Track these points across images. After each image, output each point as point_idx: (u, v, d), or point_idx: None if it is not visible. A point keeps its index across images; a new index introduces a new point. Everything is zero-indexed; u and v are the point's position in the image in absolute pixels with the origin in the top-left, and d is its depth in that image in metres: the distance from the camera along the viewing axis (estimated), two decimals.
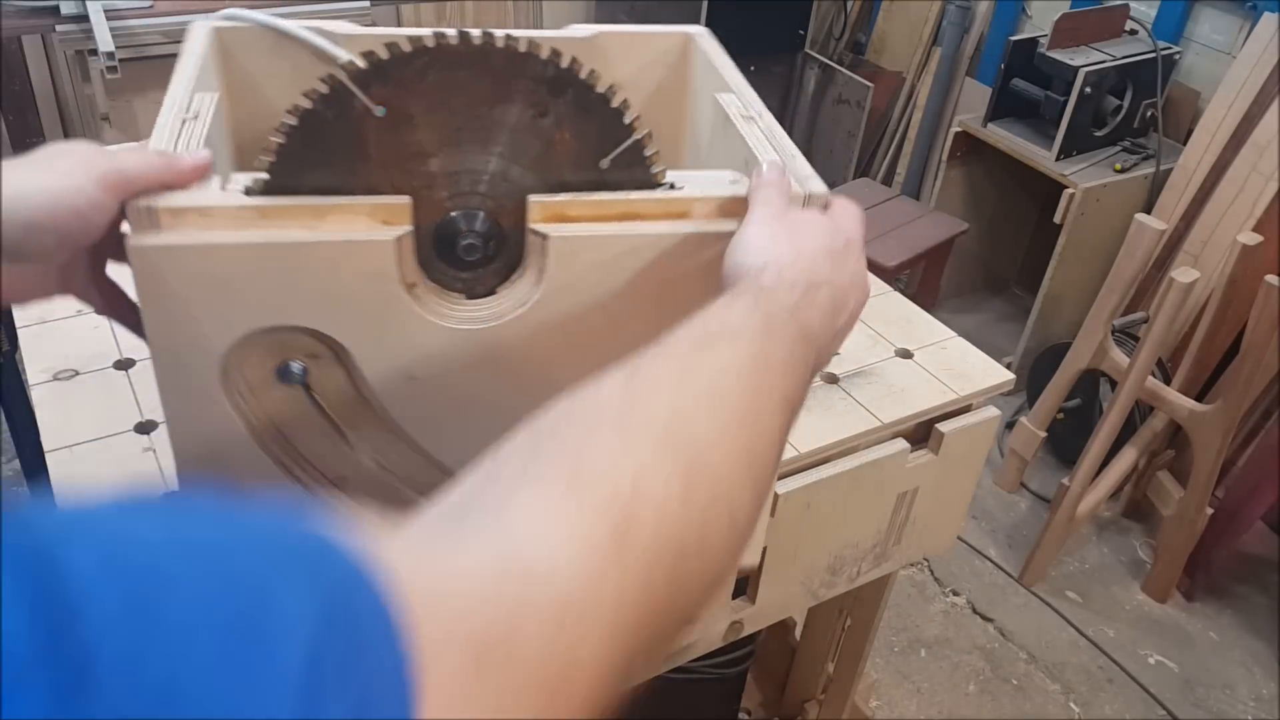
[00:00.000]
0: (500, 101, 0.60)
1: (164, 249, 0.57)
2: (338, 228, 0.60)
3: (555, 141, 0.62)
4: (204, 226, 0.58)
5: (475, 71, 0.59)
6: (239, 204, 0.58)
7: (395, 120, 0.59)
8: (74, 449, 0.87)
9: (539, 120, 0.61)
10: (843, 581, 1.09)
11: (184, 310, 0.60)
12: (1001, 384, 1.07)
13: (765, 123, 0.74)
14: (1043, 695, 1.89)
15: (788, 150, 0.70)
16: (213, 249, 0.58)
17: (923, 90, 2.97)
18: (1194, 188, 2.22)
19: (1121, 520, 2.28)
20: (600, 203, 0.62)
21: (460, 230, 0.63)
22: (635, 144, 0.62)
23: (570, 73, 0.60)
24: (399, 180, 0.61)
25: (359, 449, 0.71)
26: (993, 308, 2.89)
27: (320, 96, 0.58)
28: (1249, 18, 2.26)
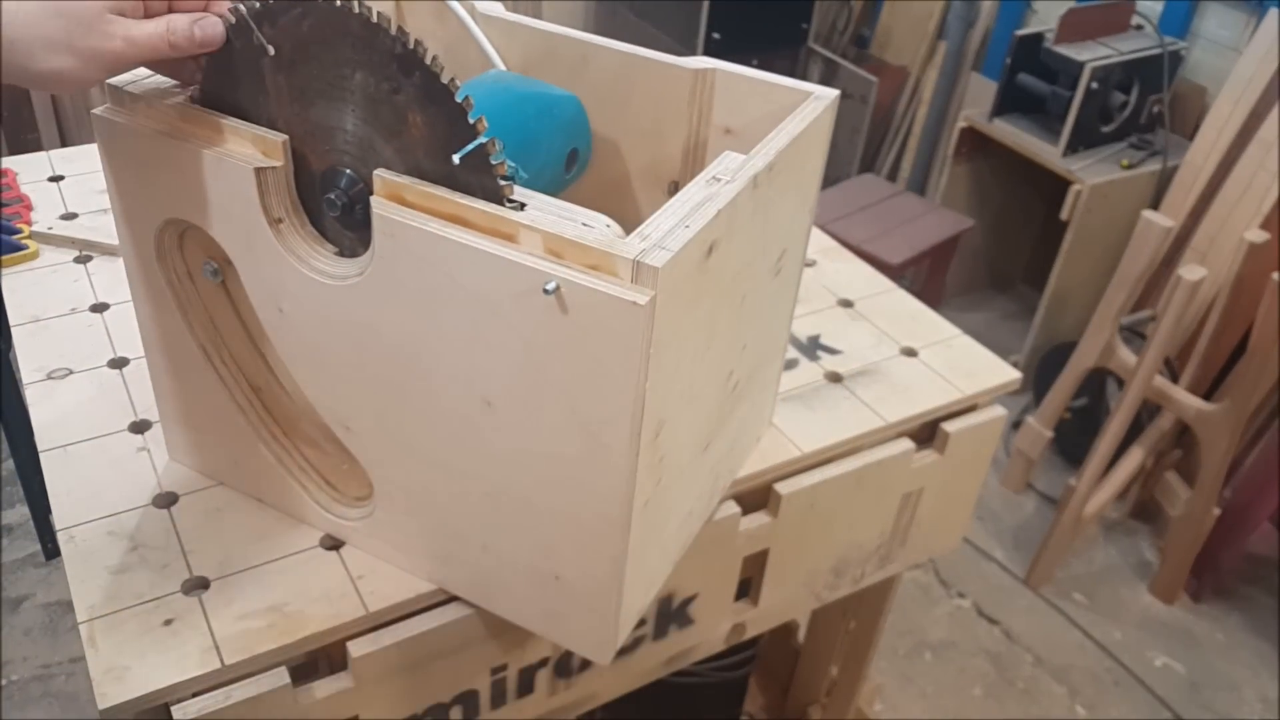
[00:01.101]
0: (360, 67, 0.62)
1: (116, 123, 0.69)
2: (229, 147, 0.66)
3: (409, 122, 0.62)
4: (146, 116, 0.68)
5: (339, 31, 0.61)
6: (172, 104, 0.68)
7: (283, 63, 0.64)
8: (68, 448, 0.86)
9: (394, 96, 0.62)
10: (847, 583, 1.07)
11: (127, 178, 0.72)
12: (1007, 383, 1.05)
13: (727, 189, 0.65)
14: (1049, 698, 1.88)
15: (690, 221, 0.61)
16: (142, 134, 0.68)
17: (927, 85, 2.96)
18: (1201, 184, 2.20)
19: (1128, 521, 2.27)
20: (433, 196, 0.62)
21: (327, 185, 0.67)
22: (480, 148, 0.60)
23: (415, 55, 0.59)
24: (293, 120, 0.66)
25: (266, 362, 0.79)
26: (998, 305, 2.88)
27: (229, 25, 0.64)
28: (1255, 13, 2.24)
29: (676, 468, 0.72)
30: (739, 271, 0.71)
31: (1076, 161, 2.30)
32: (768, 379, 0.90)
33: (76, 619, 0.73)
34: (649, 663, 0.95)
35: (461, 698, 0.83)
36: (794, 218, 0.80)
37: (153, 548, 0.79)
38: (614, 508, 0.65)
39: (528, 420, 0.65)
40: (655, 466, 0.67)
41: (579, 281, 0.58)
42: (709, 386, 0.73)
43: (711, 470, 0.82)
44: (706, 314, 0.67)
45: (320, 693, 0.74)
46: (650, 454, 0.65)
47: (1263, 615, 2.08)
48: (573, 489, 0.66)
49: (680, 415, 0.69)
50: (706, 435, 0.77)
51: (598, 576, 0.69)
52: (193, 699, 0.70)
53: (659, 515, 0.72)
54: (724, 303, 0.70)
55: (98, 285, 1.05)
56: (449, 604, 0.78)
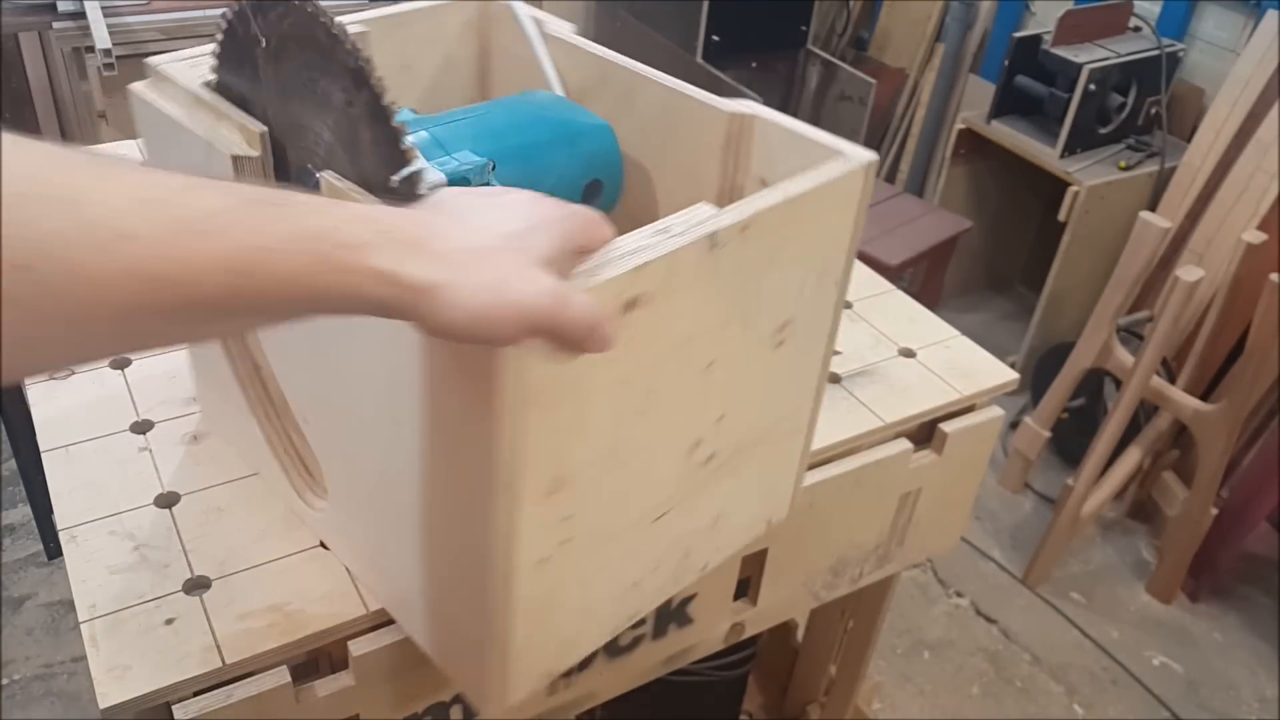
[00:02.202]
0: (326, 76, 0.62)
1: (143, 99, 0.72)
2: (219, 133, 0.67)
3: (360, 135, 0.61)
4: (168, 95, 0.71)
5: (310, 35, 0.61)
6: (190, 88, 0.70)
7: (270, 56, 0.64)
8: (70, 448, 0.87)
9: (349, 108, 0.61)
10: (845, 583, 1.08)
11: (152, 152, 0.76)
12: (1005, 383, 1.06)
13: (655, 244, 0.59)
14: (1046, 697, 1.88)
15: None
16: (156, 111, 0.71)
17: (926, 87, 2.96)
18: (1198, 185, 2.21)
19: (1126, 521, 2.27)
20: None
21: (302, 183, 0.67)
22: (413, 175, 0.60)
23: (363, 72, 0.59)
24: (279, 115, 0.66)
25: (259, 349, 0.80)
26: (996, 306, 2.88)
27: (235, 13, 0.65)
28: (1253, 15, 2.25)
29: (600, 533, 0.67)
30: (696, 335, 0.64)
31: (1074, 163, 2.30)
32: (779, 458, 0.81)
33: (78, 618, 0.73)
34: (648, 662, 0.95)
35: (461, 697, 0.83)
36: (803, 289, 0.71)
37: (154, 547, 0.79)
38: (497, 558, 0.61)
39: (424, 448, 0.62)
40: (555, 526, 0.63)
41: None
42: (655, 453, 0.68)
43: (677, 544, 0.76)
44: (635, 375, 0.61)
45: (321, 692, 0.74)
46: (544, 511, 0.61)
47: (1260, 615, 2.08)
48: (463, 532, 0.63)
49: (599, 478, 0.64)
50: (658, 505, 0.71)
51: (486, 624, 0.65)
52: (194, 698, 0.70)
53: (572, 577, 0.68)
54: (670, 366, 0.64)
55: None
56: None
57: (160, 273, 0.39)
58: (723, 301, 0.64)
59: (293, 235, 0.42)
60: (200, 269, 0.40)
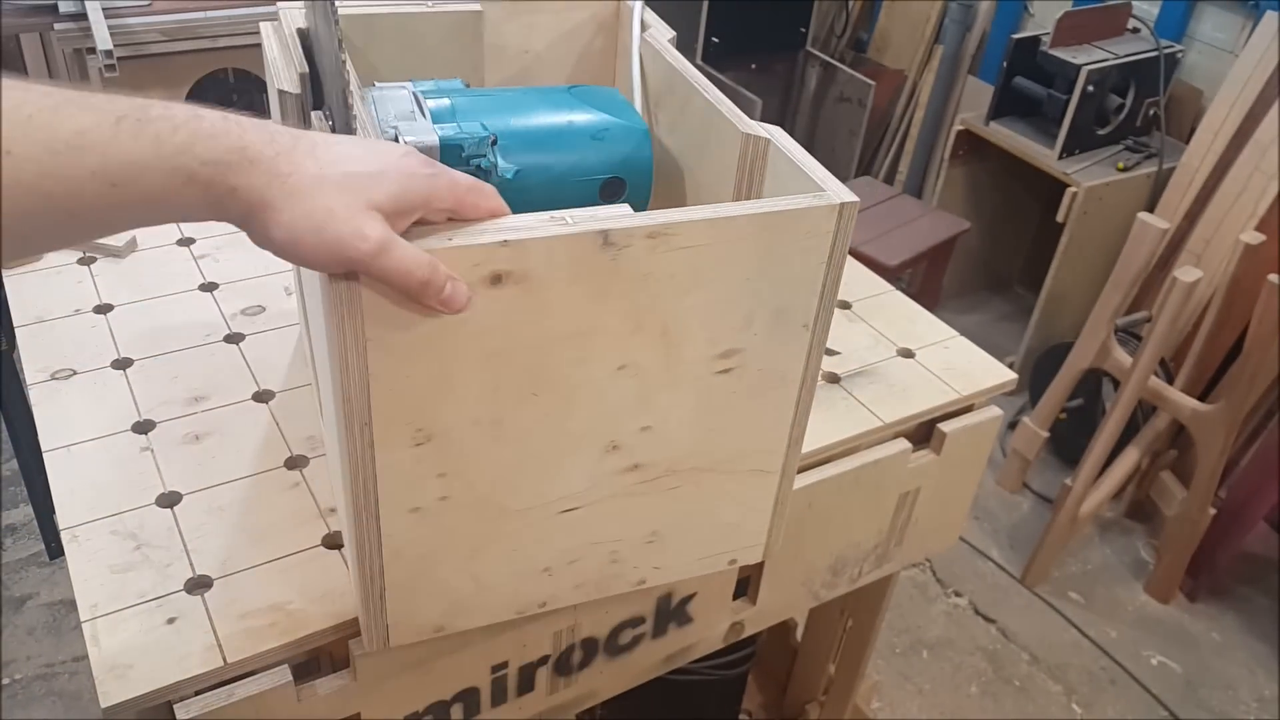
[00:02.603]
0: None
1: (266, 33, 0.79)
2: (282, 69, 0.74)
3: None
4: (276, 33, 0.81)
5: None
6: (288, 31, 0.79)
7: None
8: (72, 448, 0.87)
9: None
10: (844, 582, 1.08)
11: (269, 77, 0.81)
12: (1004, 384, 1.06)
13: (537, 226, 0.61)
14: (1045, 696, 1.89)
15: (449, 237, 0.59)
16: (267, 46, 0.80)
17: (925, 88, 2.97)
18: (1197, 186, 2.21)
19: (1124, 520, 2.27)
20: None
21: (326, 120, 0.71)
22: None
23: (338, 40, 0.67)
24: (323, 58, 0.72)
25: None
26: (995, 307, 2.88)
27: None
28: (1251, 16, 2.25)
29: (488, 503, 0.68)
30: (594, 332, 0.64)
31: (1073, 164, 2.31)
32: (742, 496, 0.78)
33: (79, 618, 0.74)
34: (648, 661, 0.95)
35: (462, 695, 0.83)
36: (752, 322, 0.68)
37: (155, 547, 0.79)
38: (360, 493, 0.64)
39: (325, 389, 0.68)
40: (429, 480, 0.65)
41: None
42: (556, 442, 0.68)
43: (597, 545, 0.75)
44: (513, 352, 0.62)
45: (322, 691, 0.74)
46: (411, 460, 0.63)
47: (1259, 615, 2.09)
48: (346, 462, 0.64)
49: (480, 446, 0.65)
50: (565, 497, 0.71)
51: (361, 560, 0.68)
52: (195, 697, 0.71)
53: (454, 537, 0.69)
54: (561, 355, 0.64)
55: (101, 287, 1.05)
56: None
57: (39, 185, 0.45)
58: (626, 306, 0.63)
59: (161, 152, 0.47)
60: (77, 181, 0.46)
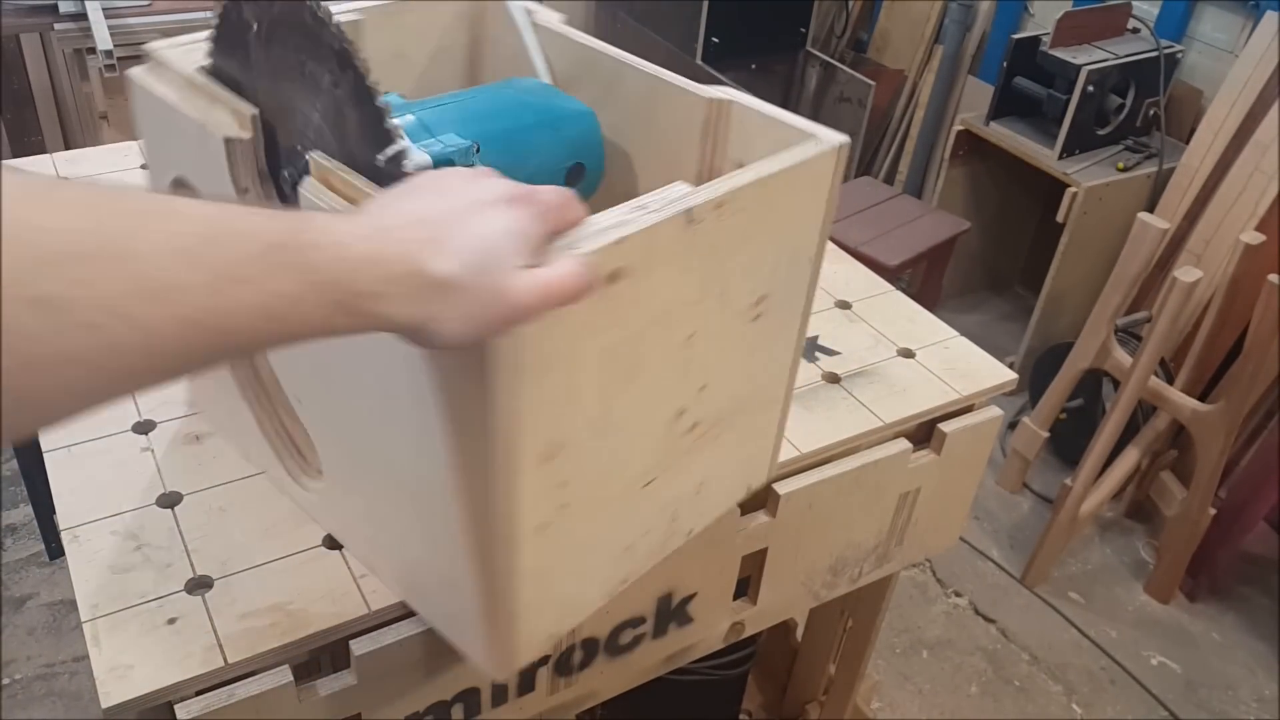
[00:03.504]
0: (310, 57, 0.63)
1: (139, 85, 0.73)
2: (213, 115, 0.68)
3: (346, 115, 0.63)
4: (165, 80, 0.73)
5: (297, 19, 0.62)
6: (183, 73, 0.71)
7: (261, 40, 0.65)
8: (72, 449, 0.87)
9: (335, 89, 0.63)
10: (844, 582, 1.08)
11: (148, 134, 0.77)
12: (1004, 384, 1.06)
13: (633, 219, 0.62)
14: (1045, 696, 1.89)
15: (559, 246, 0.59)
16: (156, 98, 0.72)
17: (925, 88, 2.97)
18: (1197, 187, 2.21)
19: (1124, 521, 2.27)
20: (350, 184, 0.62)
21: (289, 161, 0.68)
22: (398, 154, 0.61)
23: (348, 54, 0.60)
24: (269, 97, 0.67)
25: None
26: (995, 307, 2.89)
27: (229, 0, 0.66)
28: (1251, 16, 2.25)
29: (594, 498, 0.69)
30: (675, 307, 0.66)
31: (1072, 164, 2.31)
32: (758, 427, 0.84)
33: (80, 618, 0.74)
34: (648, 660, 0.95)
35: (463, 695, 0.83)
36: (778, 266, 0.74)
37: (156, 547, 0.79)
38: (500, 525, 0.63)
39: (423, 420, 0.63)
40: (554, 491, 0.65)
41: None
42: (642, 421, 0.70)
43: (664, 509, 0.78)
44: (621, 345, 0.64)
45: (323, 691, 0.75)
46: (542, 477, 0.63)
47: (1259, 615, 2.09)
48: (467, 500, 0.64)
49: (592, 444, 0.66)
50: (645, 471, 0.73)
51: (492, 591, 0.68)
52: (196, 697, 0.71)
53: (570, 542, 0.70)
54: (653, 337, 0.66)
55: None
56: None
57: (205, 319, 0.44)
58: (699, 276, 0.67)
59: (315, 284, 0.47)
60: (238, 315, 0.45)
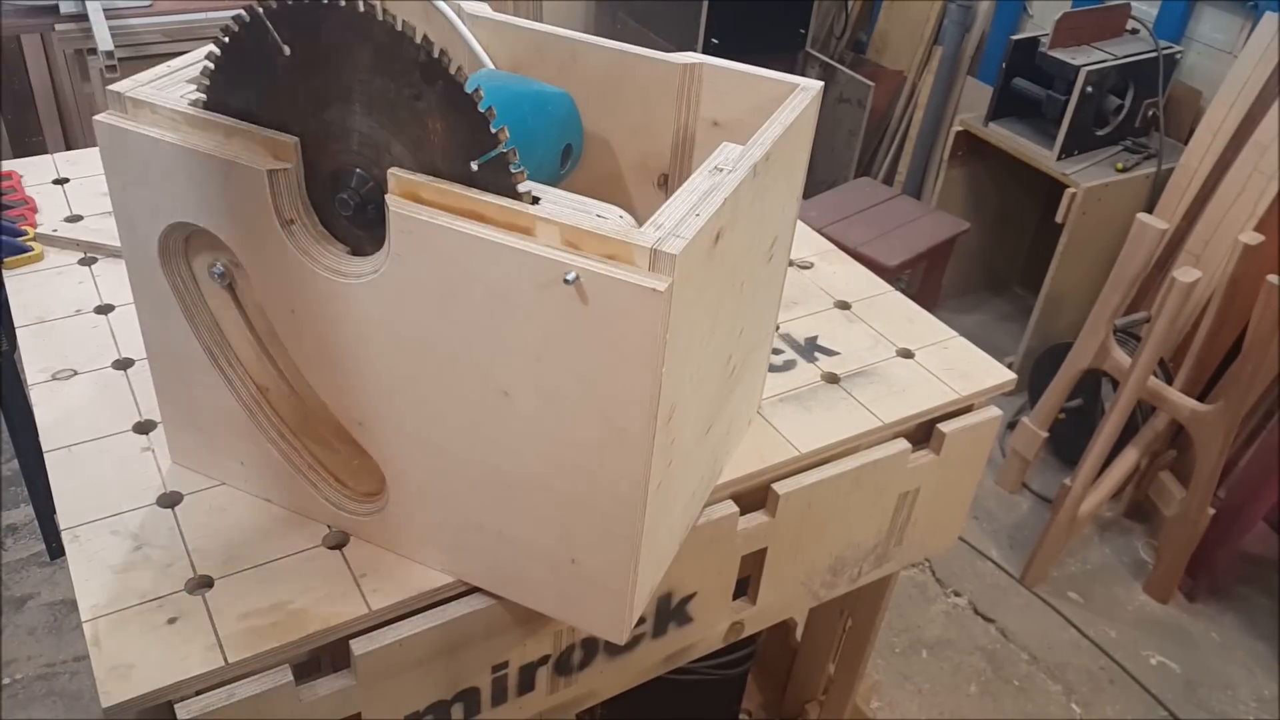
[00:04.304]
0: (381, 73, 0.62)
1: (119, 129, 0.69)
2: (236, 149, 0.67)
3: (429, 128, 0.63)
4: (150, 121, 0.69)
5: (361, 37, 0.61)
6: (176, 109, 0.68)
7: (301, 64, 0.64)
8: (73, 449, 0.87)
9: (415, 102, 0.62)
10: (844, 582, 1.08)
11: (131, 185, 0.72)
12: (1003, 384, 1.06)
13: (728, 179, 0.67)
14: (1044, 696, 1.89)
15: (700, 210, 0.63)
16: (146, 140, 0.68)
17: (924, 89, 2.97)
18: (1196, 187, 2.22)
19: (1123, 520, 2.28)
20: (449, 193, 0.63)
21: (342, 184, 0.67)
22: (502, 155, 0.61)
23: (439, 64, 0.60)
24: (305, 121, 0.66)
25: (278, 364, 0.79)
26: (994, 307, 2.89)
27: (242, 24, 0.63)
28: (1250, 17, 2.25)
29: (684, 450, 0.73)
30: (739, 258, 0.73)
31: (1072, 165, 2.31)
32: (759, 363, 0.93)
33: (80, 618, 0.74)
34: (648, 660, 0.96)
35: (463, 695, 0.83)
36: (784, 206, 0.82)
37: (156, 547, 0.79)
38: (630, 491, 0.67)
39: (546, 408, 0.66)
40: (667, 449, 0.68)
41: (598, 271, 0.60)
42: (712, 370, 0.75)
43: (711, 452, 0.84)
44: (712, 300, 0.69)
45: (323, 690, 0.75)
46: (664, 437, 0.66)
47: (1258, 615, 2.09)
48: (590, 474, 0.68)
49: (688, 399, 0.70)
50: (709, 418, 0.78)
51: (613, 558, 0.71)
52: (196, 697, 0.71)
53: (669, 497, 0.74)
54: (726, 289, 0.72)
55: (102, 287, 1.05)
56: (451, 603, 0.79)
57: None
58: (754, 225, 0.73)
59: None
60: None
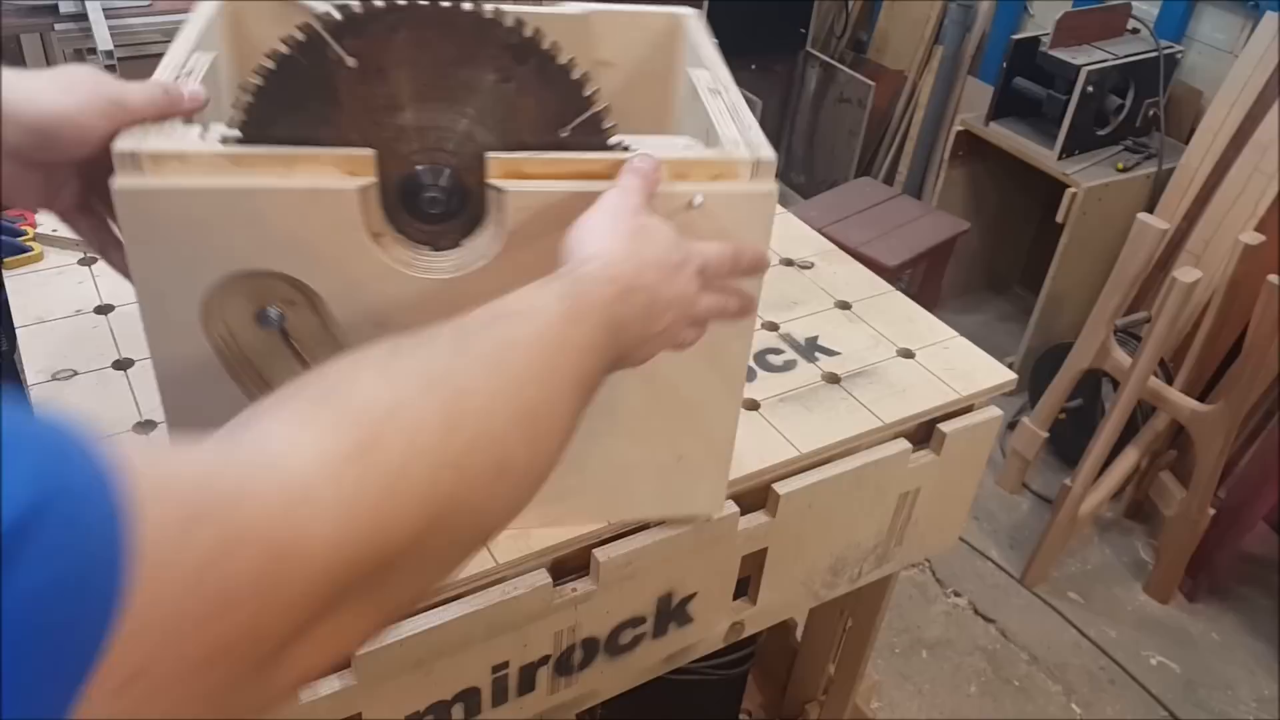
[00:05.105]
0: (467, 64, 0.63)
1: (146, 192, 0.60)
2: (306, 176, 0.62)
3: (519, 107, 0.64)
4: (182, 172, 0.61)
5: (443, 33, 0.61)
6: (215, 151, 0.61)
7: (366, 73, 0.62)
8: None
9: (503, 85, 0.63)
10: (844, 582, 1.08)
11: (166, 251, 0.63)
12: (1003, 384, 1.06)
13: (730, 96, 0.76)
14: (1044, 696, 1.89)
15: (746, 121, 0.72)
16: (190, 193, 0.61)
17: (924, 89, 2.97)
18: (1196, 187, 2.22)
19: (1123, 521, 2.28)
20: (554, 161, 0.65)
21: (425, 184, 0.66)
22: (594, 116, 0.65)
23: (533, 42, 0.62)
24: (368, 132, 0.64)
25: None
26: (994, 307, 2.89)
27: (297, 43, 0.60)
28: (1251, 17, 2.25)
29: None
30: None
31: (1072, 164, 2.31)
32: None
33: None
34: (648, 660, 0.96)
35: (463, 695, 0.83)
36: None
37: None
38: (735, 370, 0.77)
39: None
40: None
41: (716, 190, 0.67)
42: None
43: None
44: None
45: (323, 690, 0.75)
46: None
47: (1258, 615, 2.09)
48: (703, 375, 0.76)
49: None
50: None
51: (717, 439, 0.81)
52: None
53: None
54: None
55: (102, 287, 1.05)
56: (451, 603, 0.79)
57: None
58: None
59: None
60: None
